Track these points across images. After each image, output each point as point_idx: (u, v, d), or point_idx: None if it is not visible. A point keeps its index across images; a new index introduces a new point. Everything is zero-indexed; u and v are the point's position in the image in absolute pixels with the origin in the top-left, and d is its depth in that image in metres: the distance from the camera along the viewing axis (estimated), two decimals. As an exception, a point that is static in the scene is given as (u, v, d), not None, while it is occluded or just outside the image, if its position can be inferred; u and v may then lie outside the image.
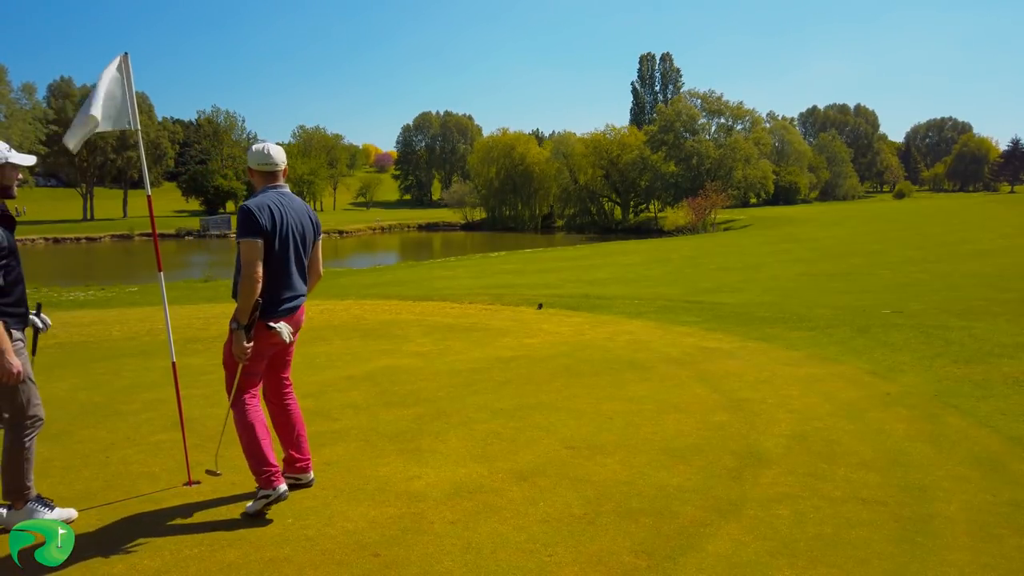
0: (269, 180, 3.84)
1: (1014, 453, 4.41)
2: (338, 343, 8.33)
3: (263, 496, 3.67)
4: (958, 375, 6.27)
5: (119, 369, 7.19)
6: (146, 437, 4.99)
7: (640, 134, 74.12)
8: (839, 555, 3.22)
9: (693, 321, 9.45)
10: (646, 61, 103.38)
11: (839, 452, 4.48)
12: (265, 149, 3.83)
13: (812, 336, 8.18)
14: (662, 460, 4.39)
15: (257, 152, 3.84)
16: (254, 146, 3.88)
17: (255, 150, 3.85)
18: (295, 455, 4.07)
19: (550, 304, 11.22)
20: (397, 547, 3.35)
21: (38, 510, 3.63)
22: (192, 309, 11.76)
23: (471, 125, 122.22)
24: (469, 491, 3.97)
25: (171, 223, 64.54)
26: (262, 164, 3.82)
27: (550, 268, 21.50)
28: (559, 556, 3.24)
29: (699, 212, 52.09)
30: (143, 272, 25.44)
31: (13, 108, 60.71)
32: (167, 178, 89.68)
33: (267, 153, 3.82)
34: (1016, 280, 14.29)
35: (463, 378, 6.44)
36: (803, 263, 20.51)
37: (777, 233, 36.05)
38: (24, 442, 3.59)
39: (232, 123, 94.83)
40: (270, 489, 3.66)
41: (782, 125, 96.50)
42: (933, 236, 27.61)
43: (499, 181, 75.05)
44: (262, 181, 3.85)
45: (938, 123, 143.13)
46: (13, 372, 3.43)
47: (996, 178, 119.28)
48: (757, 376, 6.39)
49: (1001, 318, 9.16)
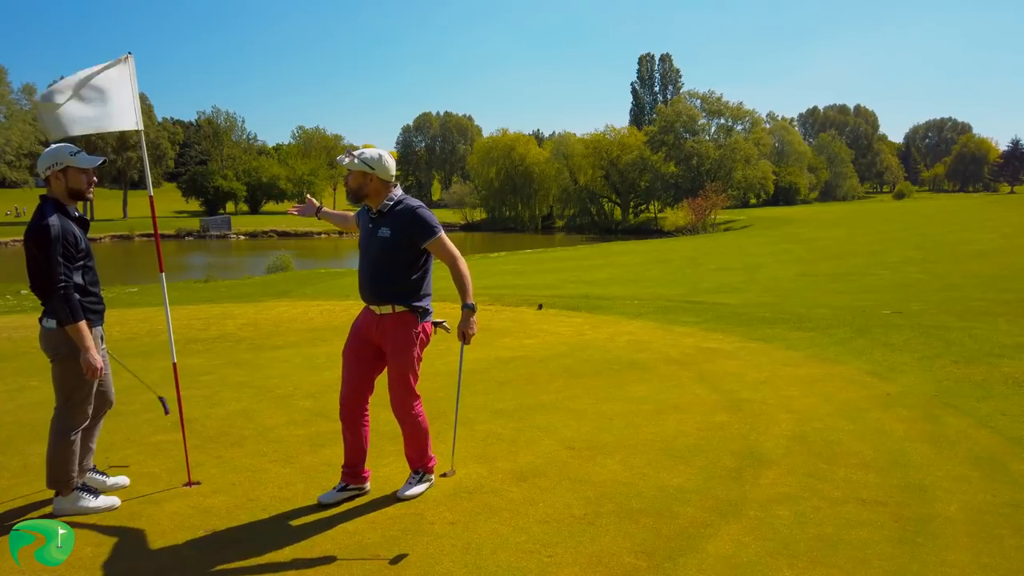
0: (392, 186, 3.83)
1: (1014, 453, 4.42)
2: (338, 344, 8.30)
3: (427, 480, 4.00)
4: (958, 375, 6.27)
5: (119, 369, 7.13)
6: (146, 437, 4.99)
7: (640, 135, 74.13)
8: (839, 555, 3.22)
9: (693, 321, 9.45)
10: (645, 62, 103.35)
11: (839, 452, 4.48)
12: (389, 158, 3.82)
13: (812, 337, 8.18)
14: (662, 461, 4.39)
15: (390, 163, 3.80)
16: (384, 159, 3.78)
17: (390, 162, 3.79)
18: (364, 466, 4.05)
19: (550, 304, 11.22)
20: (397, 547, 3.35)
21: (83, 497, 3.79)
22: (192, 310, 11.76)
23: (471, 125, 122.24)
24: (469, 491, 3.97)
25: (171, 224, 64.48)
26: (392, 173, 3.83)
27: (550, 268, 21.49)
28: (559, 557, 3.24)
29: (699, 213, 52.07)
30: (143, 273, 25.42)
31: (13, 109, 60.71)
32: (167, 179, 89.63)
33: (393, 162, 3.84)
34: (1016, 280, 14.28)
35: (463, 378, 6.41)
36: (803, 263, 20.51)
37: (777, 233, 36.03)
38: (70, 435, 3.73)
39: (232, 124, 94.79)
40: (432, 474, 4.05)
41: (782, 126, 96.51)
42: (933, 236, 27.59)
43: (499, 182, 75.02)
44: (387, 189, 3.81)
45: (938, 124, 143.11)
46: (96, 368, 3.61)
47: (996, 178, 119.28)
48: (757, 376, 6.39)
49: (1001, 318, 9.16)
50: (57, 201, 3.66)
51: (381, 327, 3.82)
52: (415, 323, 3.80)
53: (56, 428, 3.73)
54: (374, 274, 3.80)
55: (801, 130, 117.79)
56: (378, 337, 3.84)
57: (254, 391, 6.16)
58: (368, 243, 3.86)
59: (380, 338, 3.84)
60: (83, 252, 3.66)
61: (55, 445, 3.72)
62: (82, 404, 3.75)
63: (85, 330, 3.58)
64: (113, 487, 4.05)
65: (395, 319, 3.79)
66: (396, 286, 3.77)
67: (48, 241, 3.51)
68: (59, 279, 3.52)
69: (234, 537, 3.50)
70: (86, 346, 3.58)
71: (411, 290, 3.79)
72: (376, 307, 3.83)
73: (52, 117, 3.73)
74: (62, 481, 3.73)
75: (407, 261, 3.76)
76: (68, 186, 3.68)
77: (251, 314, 11.12)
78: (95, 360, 3.61)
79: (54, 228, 3.53)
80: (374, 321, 3.84)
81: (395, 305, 3.78)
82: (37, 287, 3.67)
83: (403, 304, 3.78)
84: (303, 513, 3.75)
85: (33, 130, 60.17)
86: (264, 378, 6.65)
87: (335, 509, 3.79)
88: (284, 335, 9.14)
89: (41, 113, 3.76)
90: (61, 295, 3.52)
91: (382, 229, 3.77)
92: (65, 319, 3.54)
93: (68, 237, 3.58)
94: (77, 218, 3.72)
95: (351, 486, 3.92)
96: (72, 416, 3.74)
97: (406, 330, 3.79)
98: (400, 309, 3.78)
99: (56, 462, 3.71)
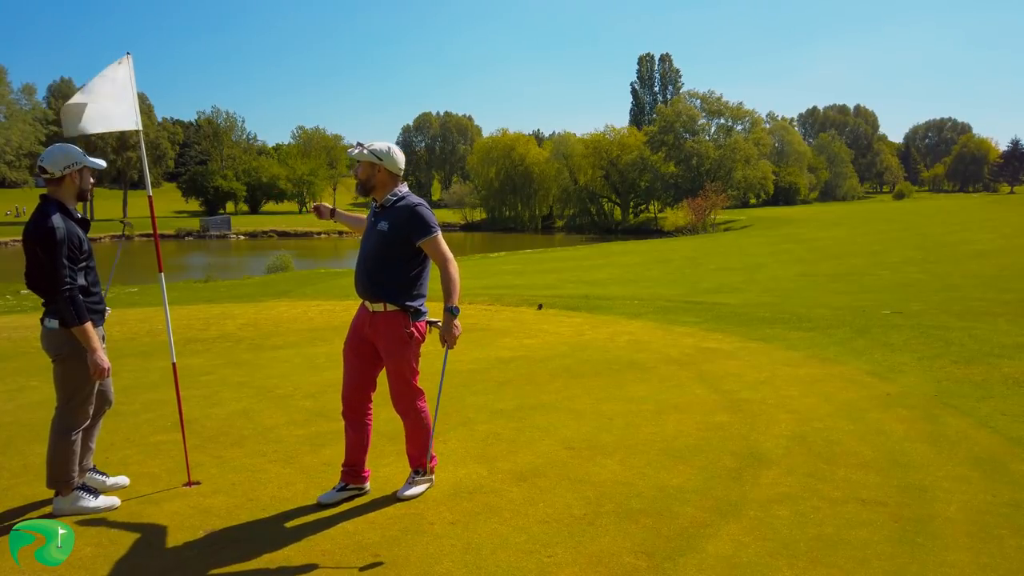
0: (399, 181, 3.86)
1: (1014, 453, 4.41)
2: (338, 343, 8.29)
3: (427, 480, 4.00)
4: (958, 376, 6.27)
5: (119, 369, 7.16)
6: (146, 437, 4.99)
7: (640, 135, 74.15)
8: (839, 556, 3.22)
9: (693, 322, 9.45)
10: (645, 62, 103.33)
11: (839, 453, 4.48)
12: (397, 151, 3.84)
13: (812, 337, 8.18)
14: (662, 461, 4.39)
15: (399, 156, 3.83)
16: (393, 151, 3.82)
17: (398, 155, 3.82)
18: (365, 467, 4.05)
19: (550, 304, 11.22)
20: (397, 547, 3.35)
21: (83, 497, 3.79)
22: (192, 310, 11.76)
23: (471, 125, 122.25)
24: (469, 491, 3.97)
25: (171, 224, 64.51)
26: (401, 167, 3.84)
27: (550, 268, 21.49)
28: (559, 557, 3.24)
29: (699, 213, 52.07)
30: (143, 273, 25.41)
31: (13, 109, 60.71)
32: (167, 179, 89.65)
33: (402, 156, 3.85)
34: (1016, 281, 14.28)
35: (463, 378, 6.43)
36: (803, 263, 20.51)
37: (777, 233, 36.03)
38: (71, 435, 3.74)
39: (232, 124, 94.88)
40: (432, 474, 4.03)
41: (782, 126, 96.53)
42: (933, 236, 27.59)
43: (499, 182, 75.03)
44: (394, 183, 3.84)
45: (938, 124, 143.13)
46: (104, 368, 3.64)
47: (996, 179, 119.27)
48: (757, 377, 6.39)
49: (1001, 319, 9.16)
50: (59, 202, 3.67)
51: (374, 325, 3.82)
52: (407, 322, 3.79)
53: (57, 428, 3.74)
54: (369, 267, 3.80)
55: (801, 130, 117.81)
56: (372, 335, 3.84)
57: (254, 391, 6.16)
58: (368, 236, 3.88)
59: (374, 336, 3.84)
60: (86, 253, 3.68)
61: (55, 445, 3.72)
62: (83, 404, 3.75)
63: (91, 331, 3.60)
64: (113, 487, 4.05)
65: (386, 318, 3.79)
66: (390, 281, 3.76)
67: (53, 244, 3.52)
68: (64, 282, 3.53)
69: (234, 537, 3.50)
70: (93, 347, 3.60)
71: (404, 288, 3.78)
72: (369, 303, 3.83)
73: (77, 117, 3.81)
74: (62, 481, 3.74)
75: (403, 257, 3.76)
76: (80, 186, 3.72)
77: (251, 314, 11.13)
78: (103, 361, 3.63)
79: (59, 231, 3.53)
80: (368, 318, 3.85)
81: (387, 303, 3.77)
82: (37, 286, 3.67)
83: (395, 303, 3.77)
84: (303, 513, 3.75)
85: (33, 130, 60.18)
86: (264, 378, 6.65)
87: (335, 509, 3.79)
88: (284, 335, 9.14)
89: (70, 113, 3.82)
90: (67, 298, 3.53)
91: (382, 223, 3.79)
92: (71, 321, 3.55)
93: (72, 239, 3.59)
94: (79, 219, 3.72)
95: (351, 486, 3.92)
96: (73, 416, 3.74)
97: (398, 329, 3.78)
98: (392, 308, 3.78)
99: (56, 462, 3.72)
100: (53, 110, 67.73)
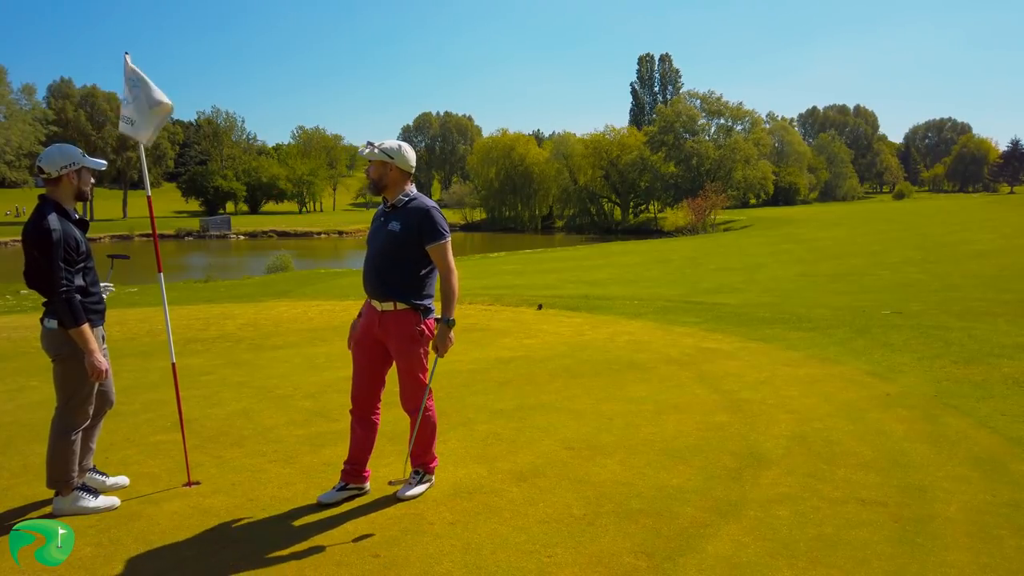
0: (410, 181, 3.87)
1: (1014, 453, 4.42)
2: (338, 343, 8.32)
3: (428, 480, 4.00)
4: (958, 376, 6.27)
5: (119, 370, 7.16)
6: (146, 437, 4.99)
7: (640, 135, 74.14)
8: (839, 556, 3.22)
9: (693, 322, 9.45)
10: (645, 62, 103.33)
11: (839, 453, 4.48)
12: (409, 149, 3.84)
13: (812, 337, 8.18)
14: (662, 461, 4.39)
15: (410, 154, 3.83)
16: (404, 149, 3.82)
17: (409, 153, 3.83)
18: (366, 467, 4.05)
19: (550, 304, 11.22)
20: (397, 547, 3.35)
21: (83, 497, 3.78)
22: (192, 310, 11.76)
23: (471, 125, 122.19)
24: (469, 492, 3.97)
25: (171, 224, 64.52)
26: (412, 165, 3.85)
27: (550, 269, 21.50)
28: (559, 557, 3.24)
29: (699, 213, 52.07)
30: (143, 273, 25.41)
31: (13, 109, 60.71)
32: (167, 179, 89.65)
33: (413, 154, 3.87)
34: (1016, 281, 14.28)
35: (462, 379, 6.43)
36: (803, 264, 20.51)
37: (777, 234, 36.04)
38: (71, 435, 3.73)
39: (232, 124, 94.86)
40: (432, 474, 4.04)
41: (782, 126, 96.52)
42: (933, 236, 27.60)
43: (499, 182, 75.05)
44: (405, 182, 3.85)
45: (937, 124, 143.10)
46: (102, 369, 3.65)
47: (996, 179, 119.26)
48: (757, 377, 6.39)
49: (1001, 319, 9.16)
50: (57, 203, 3.66)
51: (383, 324, 3.82)
52: (418, 320, 3.81)
53: (57, 428, 3.74)
54: (380, 266, 3.80)
55: (801, 130, 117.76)
56: (381, 334, 3.84)
57: (254, 391, 6.16)
58: (377, 235, 3.87)
59: (383, 335, 3.84)
60: (83, 254, 3.67)
61: (55, 445, 3.72)
62: (83, 404, 3.75)
63: (88, 333, 3.59)
64: (113, 487, 4.05)
65: (396, 317, 3.79)
66: (400, 281, 3.77)
67: (49, 246, 3.51)
68: (61, 284, 3.53)
69: (234, 537, 3.50)
70: (90, 349, 3.60)
71: (415, 287, 3.79)
72: (378, 303, 3.83)
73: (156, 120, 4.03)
74: (62, 481, 3.73)
75: (413, 257, 3.77)
76: (78, 187, 3.71)
77: (251, 314, 11.13)
78: (100, 363, 3.63)
79: (55, 233, 3.53)
80: (376, 318, 3.85)
81: (397, 302, 3.78)
82: (36, 285, 3.67)
83: (405, 301, 3.78)
84: (303, 513, 3.75)
85: (33, 130, 60.18)
86: (264, 378, 6.65)
87: (335, 509, 3.79)
88: (284, 335, 9.14)
89: (158, 116, 4.00)
90: (64, 299, 3.53)
91: (393, 223, 3.79)
92: (68, 323, 3.55)
93: (69, 241, 3.58)
94: (77, 220, 3.72)
95: (351, 486, 3.92)
96: (73, 416, 3.74)
97: (408, 328, 3.80)
98: (402, 306, 3.79)
99: (56, 462, 3.72)
100: (53, 110, 67.77)
